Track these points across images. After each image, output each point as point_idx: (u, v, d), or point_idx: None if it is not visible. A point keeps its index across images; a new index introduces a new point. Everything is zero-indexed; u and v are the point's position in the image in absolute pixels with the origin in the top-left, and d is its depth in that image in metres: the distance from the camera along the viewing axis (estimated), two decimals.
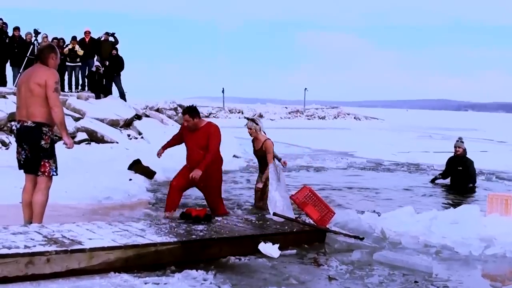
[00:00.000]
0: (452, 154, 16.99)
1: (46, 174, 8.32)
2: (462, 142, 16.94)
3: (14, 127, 8.46)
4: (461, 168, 16.37)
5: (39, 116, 8.12)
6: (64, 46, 24.24)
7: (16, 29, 23.27)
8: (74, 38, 24.50)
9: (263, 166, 11.27)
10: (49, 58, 8.38)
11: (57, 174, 8.47)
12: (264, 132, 11.37)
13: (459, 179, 16.39)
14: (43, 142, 8.18)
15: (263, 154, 11.18)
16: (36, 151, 8.21)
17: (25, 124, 8.16)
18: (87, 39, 24.88)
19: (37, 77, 8.09)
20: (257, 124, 11.26)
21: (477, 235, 8.83)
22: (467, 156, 16.69)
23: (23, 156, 8.33)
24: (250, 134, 11.34)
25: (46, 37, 23.46)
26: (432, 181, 17.30)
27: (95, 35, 25.33)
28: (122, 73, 24.55)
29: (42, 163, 8.25)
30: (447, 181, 16.95)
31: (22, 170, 8.54)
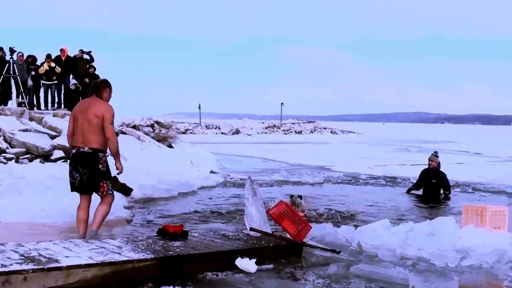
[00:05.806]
0: (426, 167, 17.43)
1: (104, 193, 9.12)
2: (437, 156, 17.45)
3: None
4: (435, 181, 16.99)
5: (95, 142, 8.99)
6: (40, 65, 24.16)
7: (0, 49, 23.25)
8: (48, 56, 24.35)
9: None
10: (104, 92, 9.27)
11: (112, 193, 9.25)
12: None
13: (432, 190, 17.06)
14: (100, 166, 9.03)
15: None
16: (95, 174, 9.01)
17: (82, 150, 9.02)
18: (63, 57, 24.77)
19: (96, 110, 8.99)
20: None
21: (453, 247, 8.89)
22: (440, 169, 17.13)
23: (78, 179, 9.08)
24: None
25: (22, 55, 23.40)
26: (408, 191, 17.84)
27: (71, 53, 25.25)
28: None
29: (101, 184, 9.06)
30: (420, 191, 17.49)
31: (74, 192, 9.35)
